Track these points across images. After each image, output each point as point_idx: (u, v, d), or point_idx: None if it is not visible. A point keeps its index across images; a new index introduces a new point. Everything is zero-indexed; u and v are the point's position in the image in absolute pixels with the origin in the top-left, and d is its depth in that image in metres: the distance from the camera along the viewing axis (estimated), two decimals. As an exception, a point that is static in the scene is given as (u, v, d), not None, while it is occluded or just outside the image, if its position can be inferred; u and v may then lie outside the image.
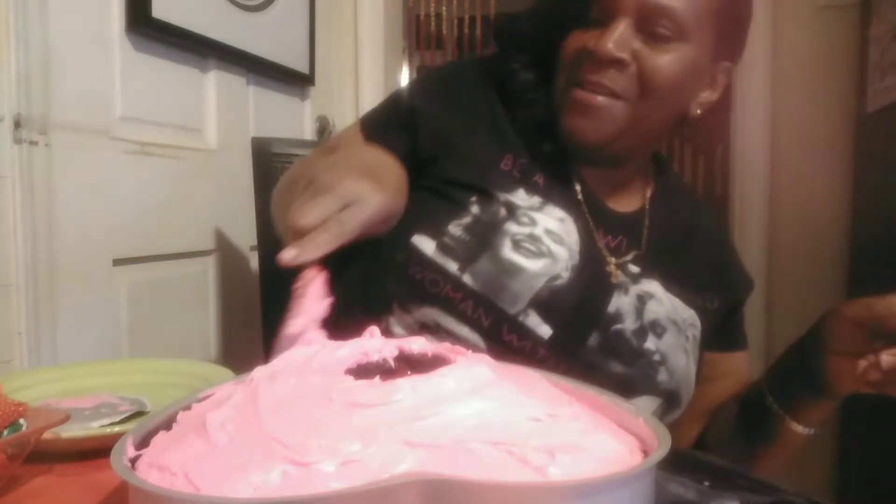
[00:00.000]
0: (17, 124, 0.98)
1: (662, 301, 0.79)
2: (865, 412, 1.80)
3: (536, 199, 0.78)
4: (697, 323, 0.82)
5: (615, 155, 0.79)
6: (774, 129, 2.02)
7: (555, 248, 0.75)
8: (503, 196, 0.77)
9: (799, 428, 0.74)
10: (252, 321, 1.37)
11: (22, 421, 0.51)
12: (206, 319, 1.43)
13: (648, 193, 0.86)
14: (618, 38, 0.71)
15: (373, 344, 0.49)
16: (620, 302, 0.77)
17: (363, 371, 0.45)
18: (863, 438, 1.83)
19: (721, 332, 0.88)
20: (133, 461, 0.39)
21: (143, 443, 0.41)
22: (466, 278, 0.72)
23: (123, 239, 1.20)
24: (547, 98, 0.81)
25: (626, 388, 0.74)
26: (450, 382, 0.41)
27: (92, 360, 0.79)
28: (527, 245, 0.74)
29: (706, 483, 0.52)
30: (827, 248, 1.96)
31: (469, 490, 0.33)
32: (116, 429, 0.57)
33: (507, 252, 0.73)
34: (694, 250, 0.87)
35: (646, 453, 0.39)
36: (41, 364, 1.00)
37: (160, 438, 0.41)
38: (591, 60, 0.73)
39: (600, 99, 0.73)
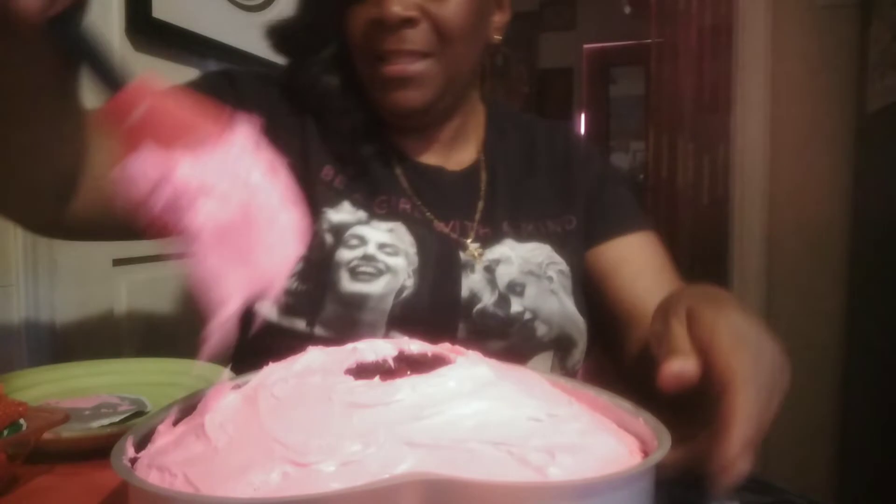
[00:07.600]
0: (17, 124, 0.97)
1: (511, 259, 0.77)
2: (866, 413, 1.81)
3: (362, 214, 0.75)
4: (556, 256, 0.80)
5: (442, 111, 0.78)
6: (774, 129, 2.02)
7: (391, 260, 0.73)
8: (328, 215, 0.74)
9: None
10: (252, 321, 1.37)
11: (22, 421, 0.51)
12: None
13: (482, 135, 0.86)
14: None
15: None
16: (471, 282, 0.75)
17: (363, 371, 0.46)
18: (863, 439, 1.83)
19: (590, 232, 0.84)
20: (132, 462, 0.39)
21: (142, 443, 0.41)
22: (318, 331, 0.71)
23: (123, 239, 1.20)
24: (353, 100, 0.77)
25: (512, 358, 0.73)
26: (450, 382, 0.41)
27: (92, 360, 0.78)
28: (363, 269, 0.72)
29: (706, 483, 0.52)
30: (827, 247, 1.97)
31: (469, 490, 0.33)
32: (116, 429, 0.57)
33: (347, 284, 0.71)
34: (539, 172, 0.85)
35: (646, 453, 0.39)
36: (41, 364, 1.00)
37: (159, 439, 0.41)
38: (383, 29, 0.71)
39: (412, 67, 0.72)
